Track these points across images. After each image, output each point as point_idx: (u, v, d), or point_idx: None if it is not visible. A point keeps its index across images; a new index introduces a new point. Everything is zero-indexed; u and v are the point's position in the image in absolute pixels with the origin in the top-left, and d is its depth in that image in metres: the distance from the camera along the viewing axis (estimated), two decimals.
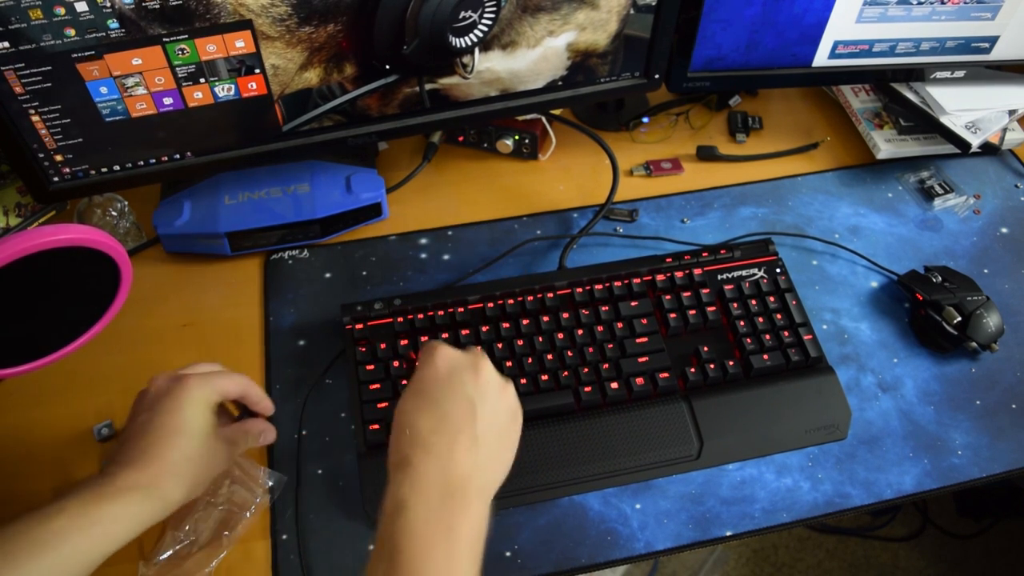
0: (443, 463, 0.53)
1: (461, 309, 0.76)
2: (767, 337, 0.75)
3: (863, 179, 0.95)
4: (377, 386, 0.72)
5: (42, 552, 0.51)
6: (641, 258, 0.81)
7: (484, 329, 0.75)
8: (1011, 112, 0.91)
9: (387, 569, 0.49)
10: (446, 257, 0.86)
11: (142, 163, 0.76)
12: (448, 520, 0.51)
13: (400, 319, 0.75)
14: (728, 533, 0.68)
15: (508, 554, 0.66)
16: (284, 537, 0.67)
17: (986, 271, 0.86)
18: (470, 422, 0.55)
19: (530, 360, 0.73)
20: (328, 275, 0.84)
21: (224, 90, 0.72)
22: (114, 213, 0.86)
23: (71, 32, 0.64)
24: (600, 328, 0.75)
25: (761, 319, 0.77)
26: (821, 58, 0.88)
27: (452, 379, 0.57)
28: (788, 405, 0.73)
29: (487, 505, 0.54)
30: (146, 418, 0.59)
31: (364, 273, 0.84)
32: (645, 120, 0.99)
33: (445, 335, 0.75)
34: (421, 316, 0.76)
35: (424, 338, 0.74)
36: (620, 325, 0.76)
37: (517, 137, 0.93)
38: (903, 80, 0.93)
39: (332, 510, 0.68)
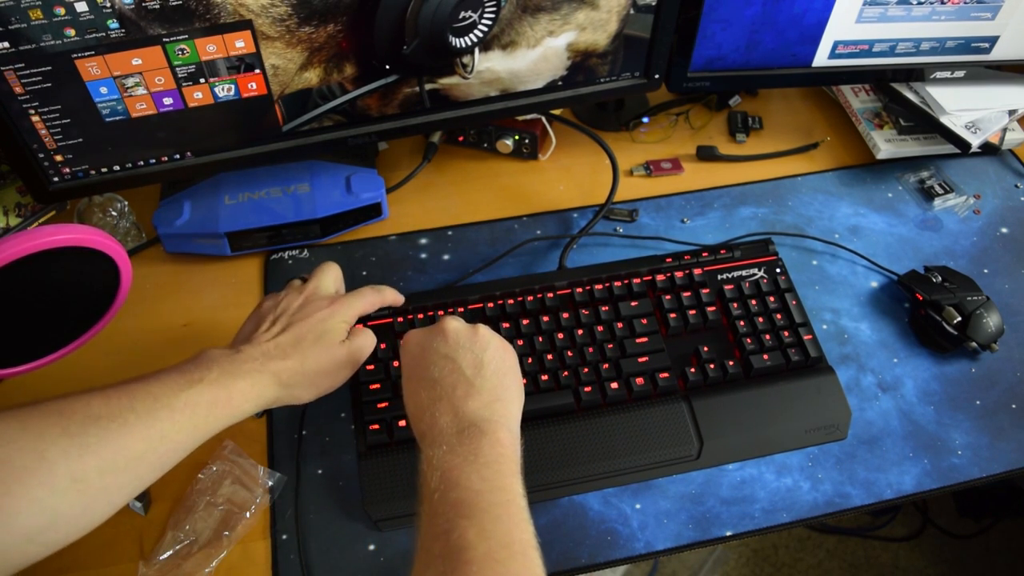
0: (451, 415, 0.56)
1: (461, 309, 0.76)
2: (767, 337, 0.75)
3: (863, 179, 0.95)
4: (377, 386, 0.71)
5: (182, 415, 0.55)
6: (641, 258, 0.81)
7: None
8: (1011, 112, 0.91)
9: (429, 506, 0.51)
10: (446, 257, 0.86)
11: (142, 163, 0.76)
12: (472, 448, 0.53)
13: (400, 319, 0.75)
14: (728, 533, 0.68)
15: None
16: (284, 537, 0.67)
17: (986, 271, 0.86)
18: (458, 375, 0.58)
19: (530, 360, 0.73)
20: None
21: (224, 90, 0.72)
22: (114, 213, 0.86)
23: (71, 32, 0.64)
24: (600, 328, 0.75)
25: (761, 319, 0.77)
26: (821, 58, 0.88)
27: (426, 351, 0.60)
28: (788, 405, 0.73)
29: (511, 431, 0.56)
30: (286, 321, 0.64)
31: (364, 273, 0.84)
32: (645, 120, 0.99)
33: None
34: (421, 316, 0.76)
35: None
36: (620, 325, 0.76)
37: (517, 137, 0.93)
38: (903, 80, 0.93)
39: (332, 510, 0.68)
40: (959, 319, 0.77)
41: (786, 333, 0.76)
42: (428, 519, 0.50)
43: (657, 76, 0.86)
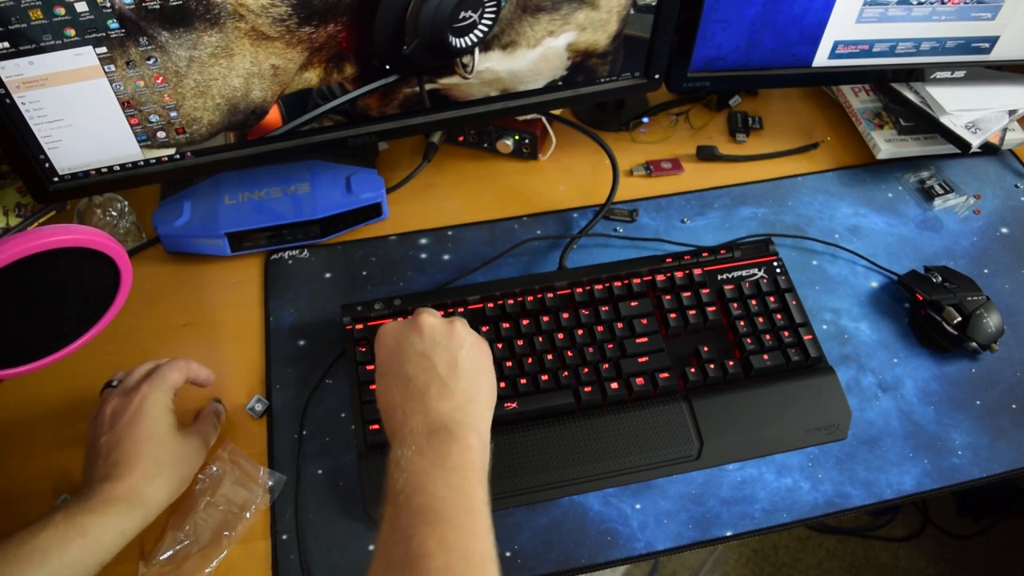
0: (422, 415, 0.55)
1: (461, 309, 0.76)
2: (767, 337, 0.75)
3: (863, 179, 0.95)
4: (377, 386, 0.71)
5: (32, 564, 0.52)
6: (641, 258, 0.81)
7: (484, 329, 0.75)
8: (1011, 112, 0.91)
9: (392, 509, 0.50)
10: (446, 257, 0.86)
11: (142, 163, 0.76)
12: (440, 453, 0.52)
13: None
14: (728, 533, 0.68)
15: (508, 554, 0.66)
16: (284, 537, 0.67)
17: (986, 271, 0.86)
18: (432, 372, 0.57)
19: (530, 360, 0.73)
20: (328, 275, 0.84)
21: None
22: (114, 213, 0.86)
23: (71, 32, 0.64)
24: (600, 328, 0.75)
25: (761, 319, 0.77)
26: (821, 58, 0.88)
27: (401, 346, 0.59)
28: (788, 405, 0.73)
29: (481, 435, 0.55)
30: (110, 436, 0.61)
31: (364, 273, 0.84)
32: (645, 120, 0.99)
33: None
34: None
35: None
36: (620, 325, 0.76)
37: (517, 137, 0.93)
38: (903, 80, 0.93)
39: (332, 510, 0.68)
40: (959, 319, 0.77)
41: (786, 333, 0.76)
42: (391, 521, 0.50)
43: (657, 76, 0.86)
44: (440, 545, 0.47)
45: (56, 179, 0.75)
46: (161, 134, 0.74)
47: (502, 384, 0.72)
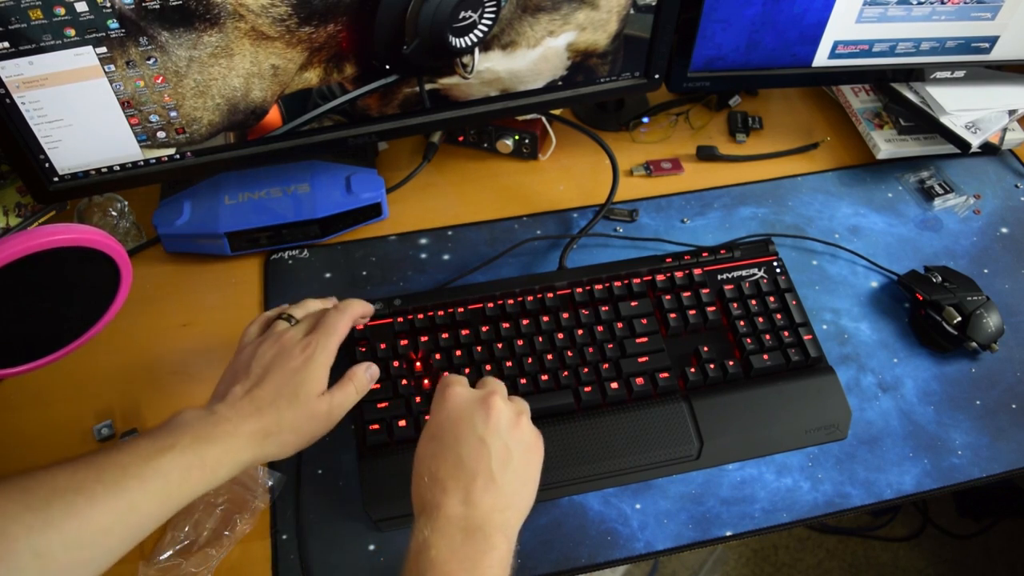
0: (462, 504, 0.53)
1: (461, 309, 0.76)
2: (767, 337, 0.75)
3: (863, 179, 0.95)
4: (377, 386, 0.71)
5: (152, 483, 0.52)
6: (641, 258, 0.81)
7: (484, 329, 0.75)
8: (1011, 112, 0.91)
9: None
10: (446, 257, 0.86)
11: (142, 163, 0.76)
12: (472, 558, 0.51)
13: (400, 319, 0.75)
14: (728, 533, 0.68)
15: None
16: (284, 537, 0.67)
17: (986, 271, 0.86)
18: (485, 462, 0.55)
19: (530, 360, 0.73)
20: (328, 275, 0.84)
21: None
22: (114, 213, 0.86)
23: (71, 32, 0.64)
24: (600, 328, 0.75)
25: (761, 319, 0.77)
26: (821, 58, 0.88)
27: (463, 420, 0.57)
28: (788, 405, 0.73)
29: (511, 542, 0.54)
30: (263, 374, 0.61)
31: (364, 273, 0.84)
32: (645, 120, 0.99)
33: (445, 335, 0.74)
34: (421, 316, 0.76)
35: (424, 338, 0.74)
36: (620, 325, 0.76)
37: (517, 137, 0.93)
38: (903, 80, 0.93)
39: (332, 510, 0.68)
40: (959, 319, 0.77)
41: (786, 333, 0.76)
42: None
43: (657, 76, 0.86)
44: None
45: (56, 179, 0.75)
46: (161, 134, 0.74)
47: None
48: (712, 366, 0.74)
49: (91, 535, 0.49)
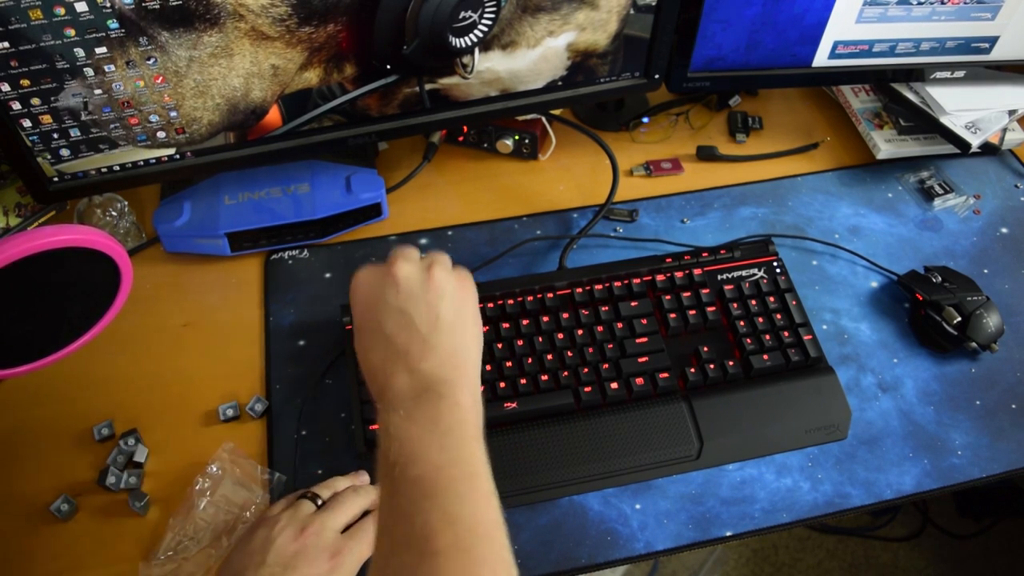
0: (406, 375, 0.52)
1: None
2: (767, 337, 0.75)
3: (863, 179, 0.95)
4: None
5: None
6: (641, 258, 0.81)
7: (484, 329, 0.75)
8: (1011, 112, 0.91)
9: (390, 484, 0.48)
10: None
11: (142, 163, 0.76)
12: (431, 416, 0.49)
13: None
14: (728, 533, 0.68)
15: None
16: None
17: (986, 271, 0.85)
18: (413, 331, 0.53)
19: (530, 360, 0.73)
20: (328, 275, 0.84)
21: None
22: (114, 213, 0.86)
23: (71, 32, 0.64)
24: (600, 328, 0.75)
25: (761, 319, 0.77)
26: (821, 58, 0.88)
27: (376, 301, 0.55)
28: (788, 405, 0.73)
29: (471, 392, 0.52)
30: (280, 571, 0.57)
31: None
32: (645, 120, 0.99)
33: None
34: None
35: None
36: (620, 325, 0.76)
37: (517, 137, 0.93)
38: (903, 80, 0.93)
39: None
40: (959, 319, 0.77)
41: (786, 333, 0.76)
42: (389, 497, 0.48)
43: (657, 76, 0.86)
44: (444, 520, 0.45)
45: (56, 179, 0.74)
46: (161, 134, 0.74)
47: (502, 384, 0.72)
48: (712, 366, 0.74)
49: None
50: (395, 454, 0.48)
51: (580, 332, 0.75)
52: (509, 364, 0.73)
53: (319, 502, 0.63)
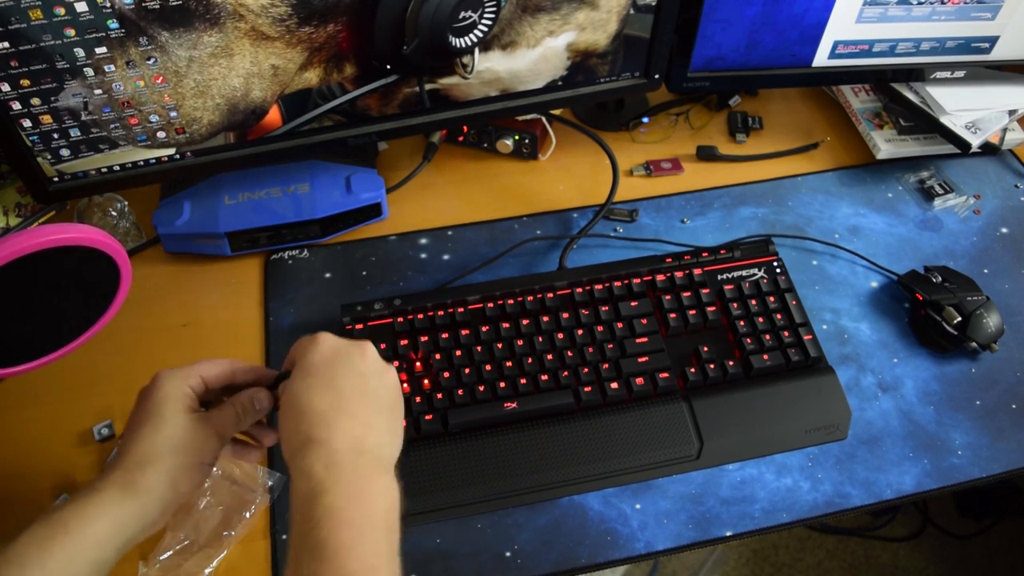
0: (348, 438, 0.52)
1: (461, 309, 0.76)
2: (767, 337, 0.75)
3: (863, 179, 0.95)
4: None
5: (30, 566, 0.47)
6: (641, 258, 0.81)
7: (484, 329, 0.75)
8: (1011, 112, 0.91)
9: (298, 540, 0.47)
10: (446, 257, 0.86)
11: (142, 163, 0.76)
12: (367, 497, 0.50)
13: (400, 319, 0.75)
14: (728, 533, 0.68)
15: (508, 554, 0.66)
16: (284, 537, 0.67)
17: (986, 271, 0.85)
18: (365, 397, 0.54)
19: (530, 360, 0.73)
20: (328, 275, 0.84)
21: None
22: (114, 213, 0.86)
23: (71, 32, 0.64)
24: (600, 328, 0.75)
25: (761, 319, 0.77)
26: (821, 58, 0.88)
27: (339, 358, 0.56)
28: (788, 405, 0.73)
29: (393, 477, 0.53)
30: (126, 428, 0.56)
31: (364, 273, 0.84)
32: (645, 120, 0.99)
33: (445, 335, 0.74)
34: (421, 316, 0.76)
35: (424, 339, 0.74)
36: (620, 325, 0.76)
37: (517, 137, 0.93)
38: (903, 80, 0.93)
39: None
40: (959, 319, 0.77)
41: (786, 333, 0.76)
42: (295, 554, 0.48)
43: (657, 76, 0.86)
44: None
45: (56, 179, 0.74)
46: (161, 134, 0.74)
47: (502, 384, 0.72)
48: (712, 366, 0.74)
49: None
50: (326, 534, 0.47)
51: (580, 332, 0.75)
52: (509, 364, 0.73)
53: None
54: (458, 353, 0.74)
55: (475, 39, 0.76)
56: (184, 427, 0.55)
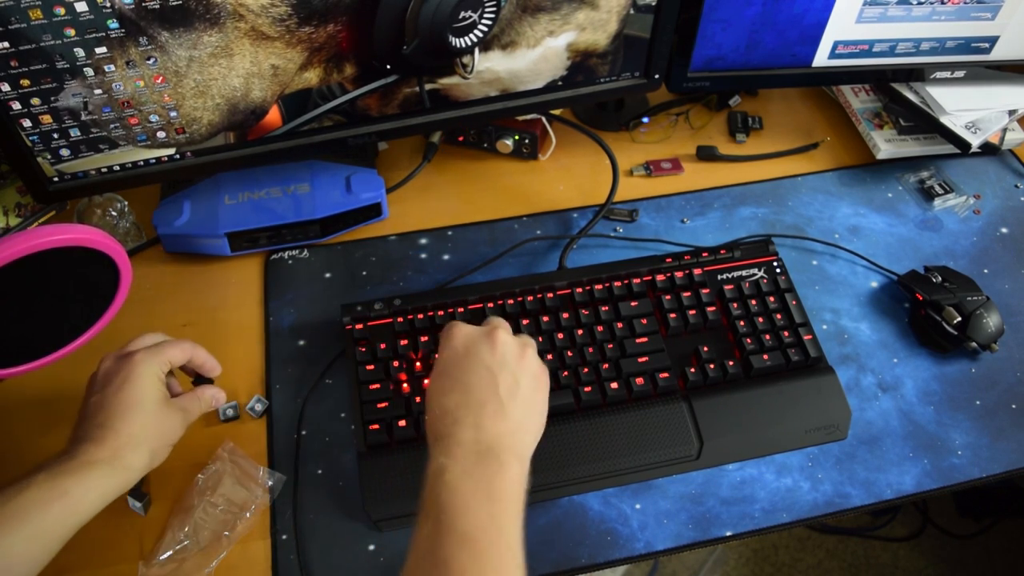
0: (473, 430, 0.55)
1: (461, 309, 0.76)
2: (767, 337, 0.75)
3: (863, 179, 0.95)
4: (377, 386, 0.72)
5: (11, 525, 0.53)
6: (641, 258, 0.81)
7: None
8: (1011, 112, 0.91)
9: (433, 526, 0.51)
10: (446, 257, 0.86)
11: (142, 163, 0.76)
12: (486, 478, 0.53)
13: (400, 319, 0.75)
14: (728, 533, 0.68)
15: None
16: (284, 537, 0.67)
17: (986, 271, 0.86)
18: (493, 391, 0.57)
19: None
20: (328, 275, 0.84)
21: None
22: (114, 213, 0.86)
23: (71, 32, 0.64)
24: (600, 328, 0.75)
25: (761, 319, 0.77)
26: (821, 58, 0.88)
27: (470, 354, 0.59)
28: (788, 405, 0.73)
29: (524, 463, 0.56)
30: (99, 397, 0.61)
31: (364, 273, 0.84)
32: (645, 120, 0.99)
33: None
34: (421, 316, 0.76)
35: (424, 338, 0.75)
36: (620, 325, 0.76)
37: (517, 137, 0.93)
38: (903, 80, 0.93)
39: (332, 510, 0.68)
40: (959, 319, 0.77)
41: (786, 333, 0.76)
42: (429, 539, 0.51)
43: (657, 76, 0.86)
44: None
45: (56, 179, 0.74)
46: (161, 134, 0.74)
47: None
48: (712, 366, 0.74)
49: None
50: (445, 500, 0.51)
51: (580, 332, 0.75)
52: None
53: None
54: None
55: (475, 39, 0.76)
56: (163, 415, 0.62)
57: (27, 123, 0.69)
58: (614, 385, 0.72)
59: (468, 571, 0.48)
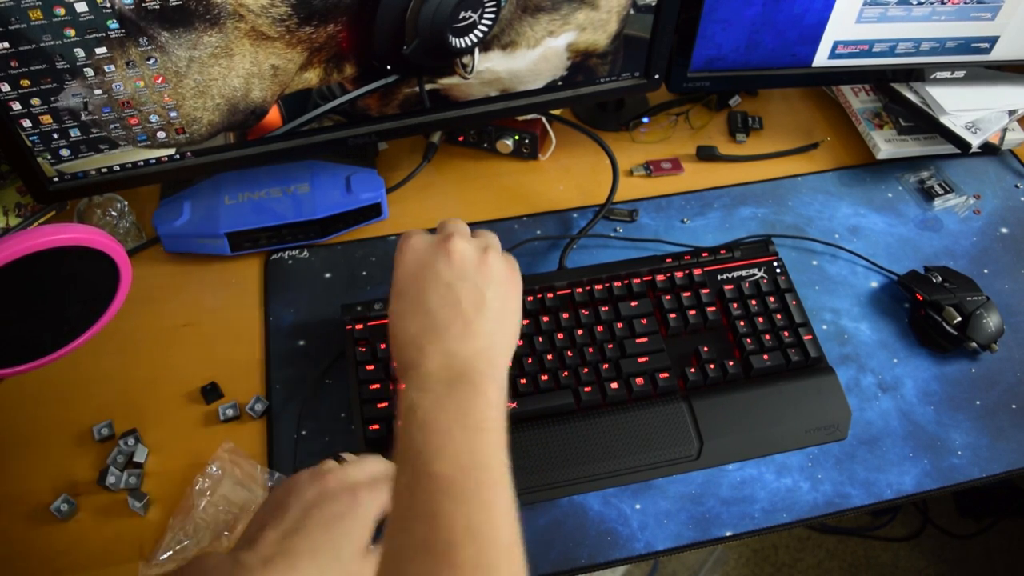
0: (441, 356, 0.50)
1: None
2: (767, 337, 0.75)
3: (863, 179, 0.95)
4: (377, 386, 0.71)
5: None
6: (641, 258, 0.81)
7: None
8: (1011, 112, 0.91)
9: (412, 475, 0.46)
10: None
11: (142, 163, 0.76)
12: (462, 409, 0.48)
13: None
14: (728, 533, 0.68)
15: None
16: None
17: (986, 271, 0.86)
18: (457, 309, 0.52)
19: (530, 360, 0.73)
20: (328, 275, 0.84)
21: None
22: (114, 213, 0.86)
23: (71, 32, 0.64)
24: (600, 328, 0.75)
25: (761, 319, 0.77)
26: (821, 58, 0.88)
27: (425, 269, 0.53)
28: (788, 405, 0.73)
29: (499, 382, 0.51)
30: (301, 517, 0.52)
31: (364, 273, 0.84)
32: (645, 120, 0.99)
33: None
34: None
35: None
36: (620, 325, 0.76)
37: (517, 137, 0.93)
38: (903, 80, 0.93)
39: None
40: (959, 319, 0.77)
41: (786, 333, 0.76)
42: (409, 489, 0.46)
43: (657, 76, 0.86)
44: (467, 531, 0.43)
45: (56, 179, 0.74)
46: (161, 134, 0.74)
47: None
48: (712, 366, 0.74)
49: None
50: (420, 443, 0.46)
51: (580, 332, 0.75)
52: (509, 364, 0.73)
53: (341, 462, 0.59)
54: None
55: (475, 39, 0.76)
56: (356, 566, 0.52)
57: (27, 123, 0.69)
58: (614, 385, 0.72)
59: (455, 520, 0.43)
